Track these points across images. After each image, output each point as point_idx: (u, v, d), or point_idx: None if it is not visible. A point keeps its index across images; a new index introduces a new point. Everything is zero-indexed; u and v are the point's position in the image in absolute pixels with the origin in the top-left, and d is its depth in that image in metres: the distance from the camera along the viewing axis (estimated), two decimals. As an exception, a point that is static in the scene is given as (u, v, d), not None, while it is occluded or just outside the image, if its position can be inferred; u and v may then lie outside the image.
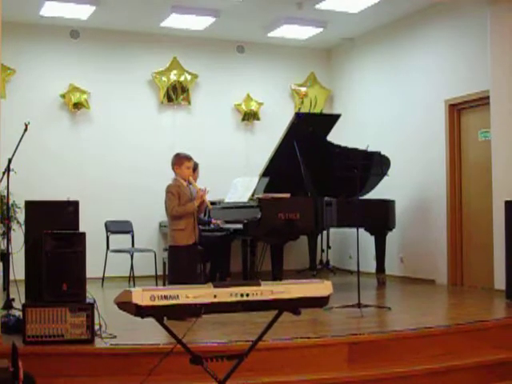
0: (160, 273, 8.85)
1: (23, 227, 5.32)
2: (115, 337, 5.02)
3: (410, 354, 5.24)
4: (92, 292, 5.26)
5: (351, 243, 9.76)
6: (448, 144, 8.64)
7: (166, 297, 3.17)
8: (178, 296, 3.20)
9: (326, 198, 8.10)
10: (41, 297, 4.93)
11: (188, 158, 6.34)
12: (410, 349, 5.27)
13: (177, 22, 9.34)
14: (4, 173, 6.07)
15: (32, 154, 8.87)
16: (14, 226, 7.43)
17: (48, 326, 4.80)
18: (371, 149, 8.34)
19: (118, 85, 9.83)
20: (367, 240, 8.88)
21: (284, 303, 3.44)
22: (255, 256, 8.37)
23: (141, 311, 3.15)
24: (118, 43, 9.88)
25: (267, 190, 8.13)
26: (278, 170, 8.30)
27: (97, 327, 5.04)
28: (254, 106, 10.51)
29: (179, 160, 6.32)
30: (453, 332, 5.56)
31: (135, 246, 9.25)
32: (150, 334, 5.07)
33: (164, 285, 8.36)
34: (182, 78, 10.11)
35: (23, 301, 5.08)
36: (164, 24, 9.45)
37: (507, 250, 7.12)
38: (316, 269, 10.11)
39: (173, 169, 6.36)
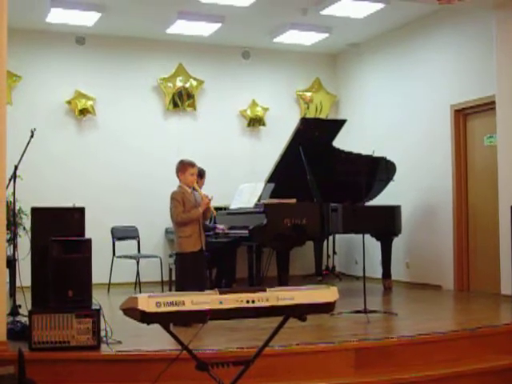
0: (166, 279, 8.85)
1: (29, 234, 5.32)
2: (121, 343, 5.03)
3: (417, 360, 5.22)
4: (98, 298, 5.26)
5: (357, 249, 9.75)
6: (454, 149, 8.63)
7: (171, 303, 3.17)
8: (183, 302, 3.20)
9: (332, 204, 8.08)
10: (47, 303, 4.94)
11: (192, 165, 6.34)
12: (416, 355, 5.25)
13: (182, 28, 9.35)
14: (10, 179, 6.07)
15: (38, 160, 8.89)
16: (21, 232, 7.45)
17: (54, 333, 4.80)
18: (377, 154, 8.35)
19: (123, 91, 9.86)
20: (373, 245, 8.87)
21: (290, 309, 3.43)
22: (261, 262, 8.36)
23: (146, 317, 3.16)
24: (123, 49, 9.91)
25: (273, 195, 8.13)
26: (283, 176, 8.29)
27: (103, 333, 5.04)
28: (259, 112, 10.51)
29: (183, 167, 6.32)
30: (460, 338, 5.54)
31: (141, 252, 9.26)
32: (155, 340, 5.07)
33: (170, 291, 8.35)
34: (187, 84, 10.13)
35: (29, 307, 5.08)
36: (170, 30, 9.47)
37: (514, 254, 7.11)
38: (322, 274, 10.10)
39: (177, 175, 6.36)
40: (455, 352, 5.40)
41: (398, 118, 9.66)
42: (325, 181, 8.27)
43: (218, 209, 7.62)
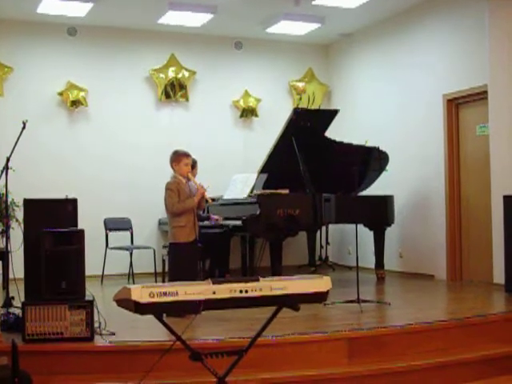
0: (159, 270, 8.85)
1: (22, 225, 5.31)
2: (114, 334, 5.03)
3: (410, 349, 5.24)
4: (91, 289, 5.27)
5: (350, 239, 9.77)
6: (446, 139, 8.64)
7: (164, 293, 3.17)
8: (176, 293, 3.20)
9: (325, 194, 8.09)
10: (40, 295, 4.93)
11: (186, 155, 6.35)
12: (409, 344, 5.27)
13: (174, 18, 9.32)
14: (2, 171, 6.07)
15: (30, 151, 8.87)
16: (13, 224, 7.45)
17: (47, 324, 4.81)
18: (370, 144, 8.37)
19: (115, 82, 9.82)
20: (366, 236, 8.88)
21: (283, 299, 3.44)
22: (254, 252, 8.37)
23: (140, 308, 3.16)
24: (115, 40, 9.86)
25: (266, 186, 8.13)
26: (276, 167, 8.29)
27: (96, 325, 5.04)
28: (252, 103, 10.50)
29: (177, 157, 6.33)
30: (453, 326, 5.57)
31: (134, 243, 9.25)
32: (149, 330, 5.07)
33: (163, 282, 8.36)
34: (179, 75, 10.10)
35: (23, 299, 5.08)
36: (161, 21, 9.43)
37: (506, 244, 7.13)
38: (315, 265, 10.13)
39: (171, 166, 6.36)
40: (448, 341, 5.43)
41: (390, 108, 9.66)
42: (318, 171, 8.28)
43: (211, 199, 7.62)
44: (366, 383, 4.86)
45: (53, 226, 5.07)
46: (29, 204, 5.32)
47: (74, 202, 5.34)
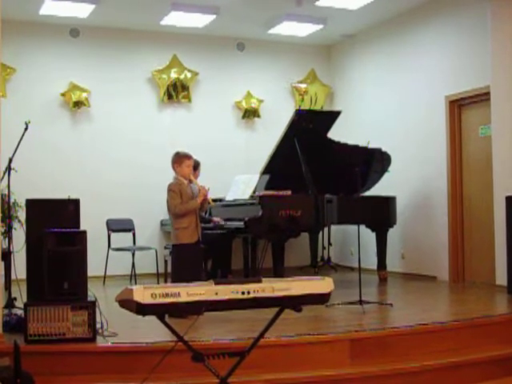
0: (161, 271, 8.85)
1: (24, 226, 5.31)
2: (117, 335, 5.03)
3: (413, 351, 5.23)
4: (93, 290, 5.26)
5: (352, 240, 9.75)
6: (449, 140, 8.63)
7: (167, 294, 3.17)
8: (179, 294, 3.20)
9: (327, 195, 8.08)
10: (42, 295, 4.93)
11: (188, 157, 6.35)
12: (412, 345, 5.26)
13: (176, 19, 9.33)
14: (5, 172, 6.07)
15: (33, 152, 8.87)
16: (16, 224, 7.43)
17: (50, 325, 4.80)
18: (372, 145, 8.37)
19: (118, 83, 9.82)
20: (368, 237, 8.87)
21: (285, 300, 3.44)
22: (256, 253, 8.37)
23: (142, 309, 3.16)
24: (117, 41, 9.87)
25: (268, 187, 8.13)
26: (278, 168, 8.29)
27: (98, 325, 5.04)
28: (254, 103, 10.50)
29: (179, 159, 6.33)
30: (456, 328, 5.55)
31: (136, 244, 9.26)
32: (151, 331, 5.07)
33: (165, 282, 8.36)
34: (182, 76, 10.10)
35: (25, 300, 5.08)
36: (164, 22, 9.44)
37: (508, 245, 7.13)
38: (317, 266, 10.11)
39: (173, 167, 6.36)
40: (451, 342, 5.42)
41: (392, 109, 9.66)
42: (320, 172, 8.27)
43: (214, 200, 7.62)
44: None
45: (55, 226, 5.08)
46: (31, 204, 5.32)
47: (76, 202, 5.34)
